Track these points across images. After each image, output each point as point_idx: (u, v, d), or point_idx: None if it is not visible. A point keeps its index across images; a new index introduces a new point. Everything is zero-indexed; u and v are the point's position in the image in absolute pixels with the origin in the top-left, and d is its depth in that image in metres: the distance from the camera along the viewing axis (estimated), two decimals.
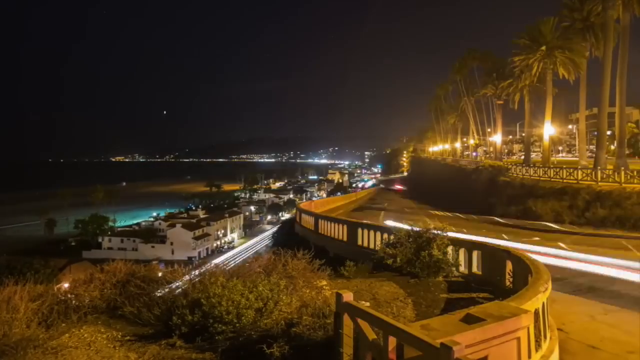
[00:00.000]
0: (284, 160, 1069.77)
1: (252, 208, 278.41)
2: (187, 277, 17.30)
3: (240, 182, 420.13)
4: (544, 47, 78.13)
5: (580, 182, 57.18)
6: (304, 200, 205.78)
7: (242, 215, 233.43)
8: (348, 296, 10.07)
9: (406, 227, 24.82)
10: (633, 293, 21.86)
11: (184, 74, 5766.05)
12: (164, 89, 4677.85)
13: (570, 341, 15.75)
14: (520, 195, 63.64)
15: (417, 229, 23.48)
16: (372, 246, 33.26)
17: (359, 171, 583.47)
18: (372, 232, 34.73)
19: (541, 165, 74.08)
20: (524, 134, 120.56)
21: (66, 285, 20.19)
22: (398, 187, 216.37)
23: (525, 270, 16.94)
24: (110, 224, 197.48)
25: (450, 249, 23.23)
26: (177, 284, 17.38)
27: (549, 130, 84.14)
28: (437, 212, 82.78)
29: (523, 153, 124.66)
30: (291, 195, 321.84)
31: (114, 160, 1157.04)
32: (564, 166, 65.31)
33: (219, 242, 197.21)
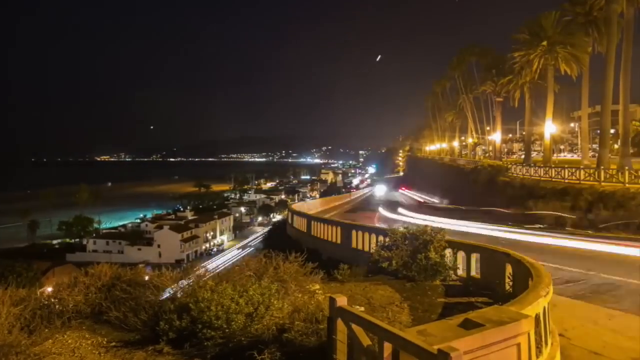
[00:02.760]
0: (275, 160, 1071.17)
1: (242, 209, 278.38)
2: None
3: (230, 182, 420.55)
4: (545, 42, 78.00)
5: (583, 182, 57.10)
6: (296, 201, 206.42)
7: (231, 217, 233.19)
8: (342, 300, 10.08)
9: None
10: (638, 298, 21.87)
11: (172, 71, 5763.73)
12: (151, 87, 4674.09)
13: (572, 347, 15.78)
14: (520, 196, 63.53)
15: (414, 230, 23.50)
16: (366, 249, 33.21)
17: (353, 171, 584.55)
18: (366, 234, 34.69)
19: (542, 165, 73.95)
20: (524, 133, 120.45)
21: (49, 289, 20.18)
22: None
23: (525, 274, 16.94)
24: (95, 225, 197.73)
25: (448, 251, 23.21)
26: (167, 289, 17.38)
27: (550, 128, 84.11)
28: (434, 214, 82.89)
29: (523, 152, 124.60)
30: (283, 196, 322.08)
31: (99, 159, 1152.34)
32: (566, 166, 65.17)
33: (208, 245, 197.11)
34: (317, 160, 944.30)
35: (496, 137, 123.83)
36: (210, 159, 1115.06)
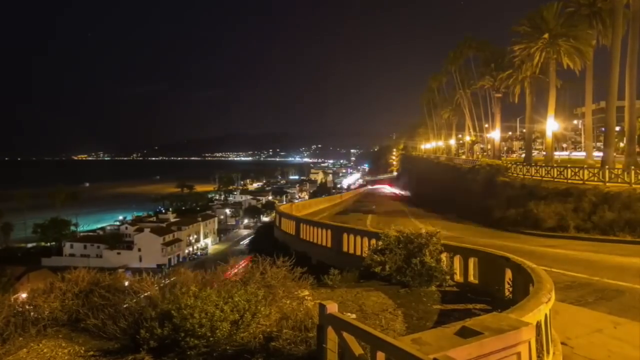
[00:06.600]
0: (262, 159, 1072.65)
1: (228, 211, 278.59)
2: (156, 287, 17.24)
3: (214, 182, 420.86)
4: (546, 35, 77.96)
5: (587, 182, 57.08)
6: (284, 203, 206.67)
7: (216, 219, 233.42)
8: (332, 307, 10.07)
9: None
10: None
11: (154, 68, 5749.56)
12: (133, 83, 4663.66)
13: (575, 356, 15.76)
14: (520, 197, 63.45)
15: (408, 233, 23.46)
16: (358, 253, 33.31)
17: (344, 171, 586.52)
18: (358, 238, 34.75)
19: (543, 164, 74.01)
20: (524, 130, 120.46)
21: (24, 295, 20.08)
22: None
23: (526, 279, 16.97)
24: (72, 228, 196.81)
25: (444, 255, 23.22)
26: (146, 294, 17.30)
27: (552, 125, 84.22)
28: (429, 215, 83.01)
29: (524, 151, 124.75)
30: (270, 197, 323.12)
31: (76, 158, 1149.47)
32: (569, 165, 65.14)
33: (191, 248, 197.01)
34: (307, 160, 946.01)
35: (495, 134, 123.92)
36: (193, 158, 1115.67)
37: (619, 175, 54.53)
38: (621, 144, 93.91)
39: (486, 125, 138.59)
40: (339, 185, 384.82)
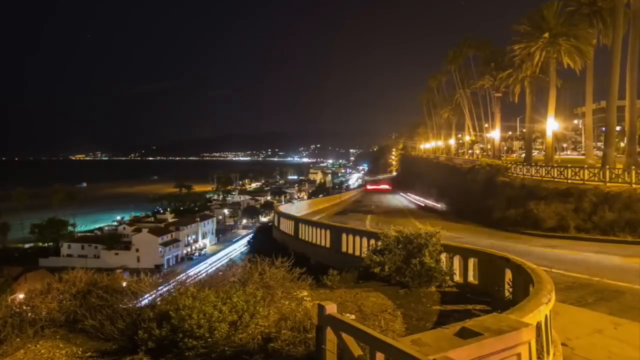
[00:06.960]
0: (260, 159, 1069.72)
1: (226, 211, 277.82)
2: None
3: (213, 182, 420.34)
4: (547, 34, 77.78)
5: (587, 182, 56.98)
6: (283, 203, 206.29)
7: (214, 219, 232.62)
8: (331, 308, 10.06)
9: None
10: None
11: (151, 66, 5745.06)
12: (130, 82, 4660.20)
13: (576, 357, 15.72)
14: (520, 197, 63.36)
15: (407, 234, 23.43)
16: (357, 253, 33.30)
17: (343, 170, 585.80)
18: (357, 238, 34.72)
19: (544, 164, 73.84)
20: (524, 130, 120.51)
21: (21, 296, 20.06)
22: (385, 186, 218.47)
23: (526, 280, 16.95)
24: (70, 228, 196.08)
25: (443, 256, 23.21)
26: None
27: (552, 125, 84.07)
28: (429, 215, 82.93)
29: (524, 151, 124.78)
30: (269, 197, 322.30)
31: (74, 158, 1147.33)
32: (569, 165, 65.00)
33: (189, 249, 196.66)
34: (306, 160, 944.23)
35: (495, 134, 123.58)
36: (191, 158, 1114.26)
37: (619, 175, 54.41)
38: (622, 144, 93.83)
39: (486, 125, 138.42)
40: (337, 185, 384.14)
